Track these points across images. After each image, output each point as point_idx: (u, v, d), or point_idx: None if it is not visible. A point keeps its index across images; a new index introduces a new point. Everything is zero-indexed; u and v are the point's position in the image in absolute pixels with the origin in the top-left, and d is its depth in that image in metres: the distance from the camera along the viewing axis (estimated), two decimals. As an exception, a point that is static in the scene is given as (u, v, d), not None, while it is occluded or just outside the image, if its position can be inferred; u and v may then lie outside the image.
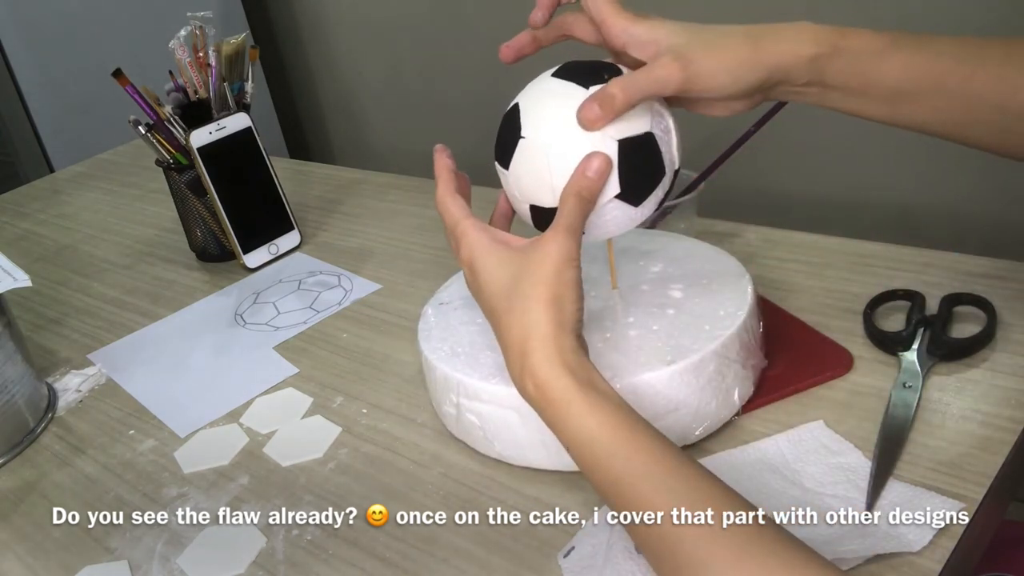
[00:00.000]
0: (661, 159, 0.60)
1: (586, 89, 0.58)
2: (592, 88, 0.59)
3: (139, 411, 0.79)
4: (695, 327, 0.62)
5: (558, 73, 0.61)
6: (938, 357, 0.64)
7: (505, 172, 0.62)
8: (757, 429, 0.61)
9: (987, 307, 0.66)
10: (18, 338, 0.78)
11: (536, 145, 0.59)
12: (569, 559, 0.54)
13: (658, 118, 0.59)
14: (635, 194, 0.59)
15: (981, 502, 0.52)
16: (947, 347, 0.64)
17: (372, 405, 0.73)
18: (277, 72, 2.24)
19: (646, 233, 0.75)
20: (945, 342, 0.65)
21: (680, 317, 0.63)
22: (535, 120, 0.59)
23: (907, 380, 0.62)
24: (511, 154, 0.60)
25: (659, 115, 0.60)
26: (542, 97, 0.61)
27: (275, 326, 0.89)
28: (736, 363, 0.61)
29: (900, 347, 0.65)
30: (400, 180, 1.17)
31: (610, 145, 0.57)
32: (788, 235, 0.84)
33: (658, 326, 0.63)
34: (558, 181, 0.58)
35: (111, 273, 1.08)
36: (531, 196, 0.60)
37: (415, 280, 0.92)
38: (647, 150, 0.59)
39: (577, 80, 0.59)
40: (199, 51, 1.00)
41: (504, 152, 0.61)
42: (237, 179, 1.00)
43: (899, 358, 0.64)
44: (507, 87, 0.66)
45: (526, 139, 0.59)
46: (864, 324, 0.68)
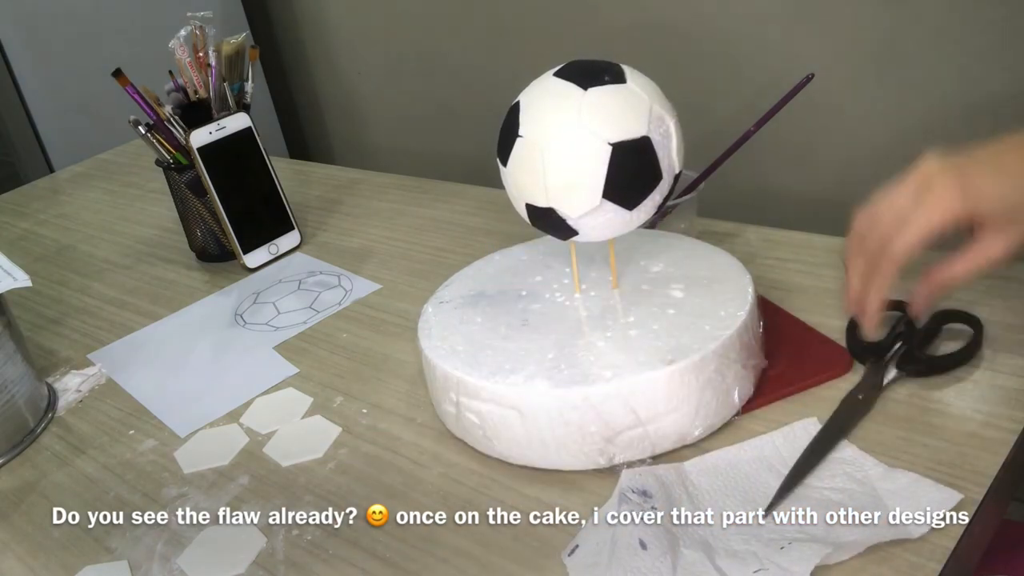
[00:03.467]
0: (658, 164, 0.59)
1: (584, 90, 0.58)
2: (591, 89, 0.58)
3: (139, 411, 0.79)
4: (695, 327, 0.62)
5: (560, 73, 0.61)
6: (907, 373, 0.63)
7: (504, 170, 0.62)
8: (757, 429, 0.61)
9: (976, 325, 0.65)
10: (18, 338, 0.78)
11: (532, 144, 0.59)
12: (574, 557, 0.54)
13: (657, 122, 0.59)
14: (626, 197, 0.59)
15: (981, 502, 0.52)
16: (921, 364, 0.63)
17: (372, 405, 0.73)
18: (277, 72, 2.24)
19: (647, 233, 0.75)
20: (919, 358, 0.64)
21: (680, 317, 0.63)
22: (533, 119, 0.60)
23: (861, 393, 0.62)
24: (509, 152, 0.60)
25: (659, 119, 0.59)
26: (542, 96, 0.61)
27: (275, 326, 0.89)
28: (736, 363, 0.61)
29: (872, 357, 0.64)
30: (400, 180, 1.18)
31: (604, 148, 0.57)
32: (788, 235, 0.84)
33: (658, 326, 0.63)
34: (551, 181, 0.58)
35: (111, 273, 1.08)
36: (526, 195, 0.60)
37: (415, 280, 0.92)
38: (642, 154, 0.59)
39: (576, 81, 0.59)
40: (199, 51, 1.00)
41: (503, 149, 0.61)
42: (237, 179, 1.00)
43: (866, 367, 0.64)
44: (507, 87, 0.67)
45: (523, 138, 0.59)
46: (847, 330, 0.68)
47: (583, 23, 1.57)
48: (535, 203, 0.60)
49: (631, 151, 0.58)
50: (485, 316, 0.68)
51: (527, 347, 0.63)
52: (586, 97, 0.58)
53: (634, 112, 0.59)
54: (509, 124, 0.61)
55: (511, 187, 0.62)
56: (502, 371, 0.61)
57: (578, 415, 0.58)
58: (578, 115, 0.58)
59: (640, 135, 0.58)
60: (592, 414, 0.58)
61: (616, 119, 0.58)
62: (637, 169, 0.59)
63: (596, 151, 0.57)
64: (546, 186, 0.58)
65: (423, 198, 1.10)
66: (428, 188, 1.13)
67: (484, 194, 1.07)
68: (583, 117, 0.58)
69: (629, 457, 0.60)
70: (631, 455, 0.60)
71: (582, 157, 0.58)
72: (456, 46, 1.83)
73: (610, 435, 0.59)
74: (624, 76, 0.60)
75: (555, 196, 0.60)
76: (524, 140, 0.59)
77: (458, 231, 1.00)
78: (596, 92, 0.59)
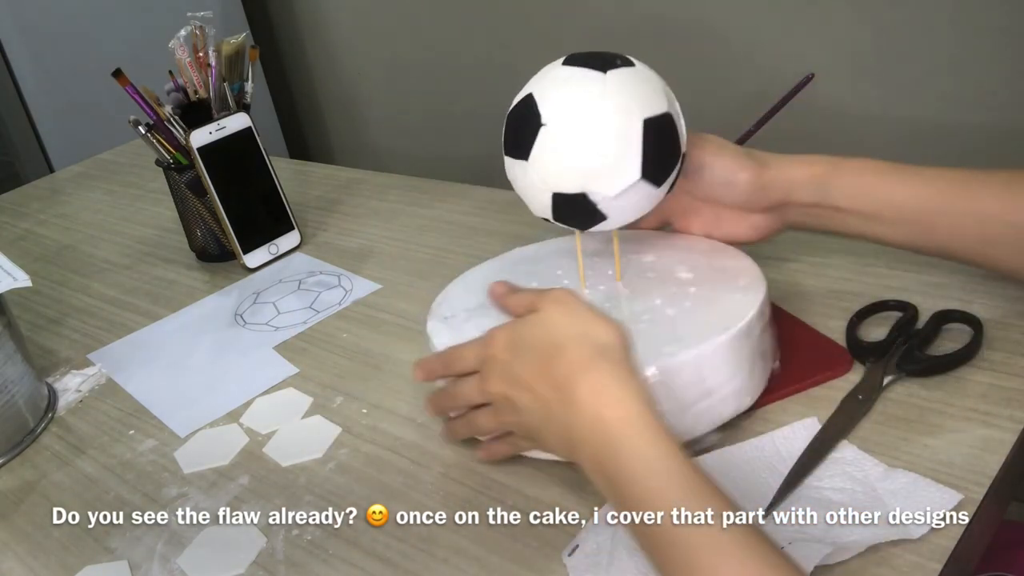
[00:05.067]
0: (679, 139, 0.60)
1: (603, 73, 0.59)
2: (610, 72, 0.59)
3: (139, 411, 0.79)
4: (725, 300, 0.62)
5: (569, 62, 0.61)
6: (908, 372, 0.63)
7: (524, 163, 0.61)
8: (757, 429, 0.61)
9: (976, 325, 0.64)
10: (18, 338, 0.78)
11: (561, 129, 0.59)
12: (574, 557, 0.54)
13: (671, 100, 0.61)
14: (656, 173, 0.60)
15: (981, 502, 0.52)
16: (921, 363, 0.63)
17: (372, 405, 0.73)
18: (277, 72, 2.24)
19: (642, 233, 0.75)
20: (919, 358, 0.63)
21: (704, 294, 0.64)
22: (557, 106, 0.59)
23: (861, 393, 0.62)
24: (530, 143, 0.60)
25: (672, 98, 0.61)
26: (559, 84, 0.61)
27: (275, 326, 0.89)
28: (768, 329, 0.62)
29: (872, 357, 0.64)
30: (400, 180, 1.17)
31: (636, 124, 0.58)
32: (788, 235, 0.84)
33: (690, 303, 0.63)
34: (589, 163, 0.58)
35: (111, 273, 1.08)
36: (555, 184, 0.60)
37: (415, 280, 0.92)
38: (668, 129, 0.60)
39: (592, 66, 0.60)
40: (199, 51, 1.00)
41: (521, 143, 0.60)
42: (237, 179, 1.00)
43: (866, 367, 0.64)
44: (507, 87, 0.66)
45: (548, 126, 0.59)
46: (847, 330, 0.68)
47: (583, 24, 1.57)
48: (565, 191, 0.60)
49: (659, 127, 0.59)
50: None
51: None
52: (608, 78, 0.59)
53: (653, 90, 0.60)
54: (525, 116, 0.60)
55: (535, 180, 0.61)
56: None
57: None
58: (606, 95, 0.59)
59: (663, 111, 0.59)
60: (663, 391, 0.57)
61: (641, 97, 0.59)
62: (666, 144, 0.60)
63: (631, 128, 0.58)
64: (583, 169, 0.58)
65: (423, 198, 1.10)
66: (428, 188, 1.13)
67: (484, 194, 1.07)
68: (612, 97, 0.59)
69: (697, 432, 0.59)
70: (700, 428, 0.60)
71: (619, 136, 0.58)
72: (456, 46, 1.83)
73: (680, 410, 0.58)
74: (632, 61, 0.62)
75: (592, 179, 0.59)
76: (550, 128, 0.59)
77: (458, 231, 1.00)
78: (616, 74, 0.59)
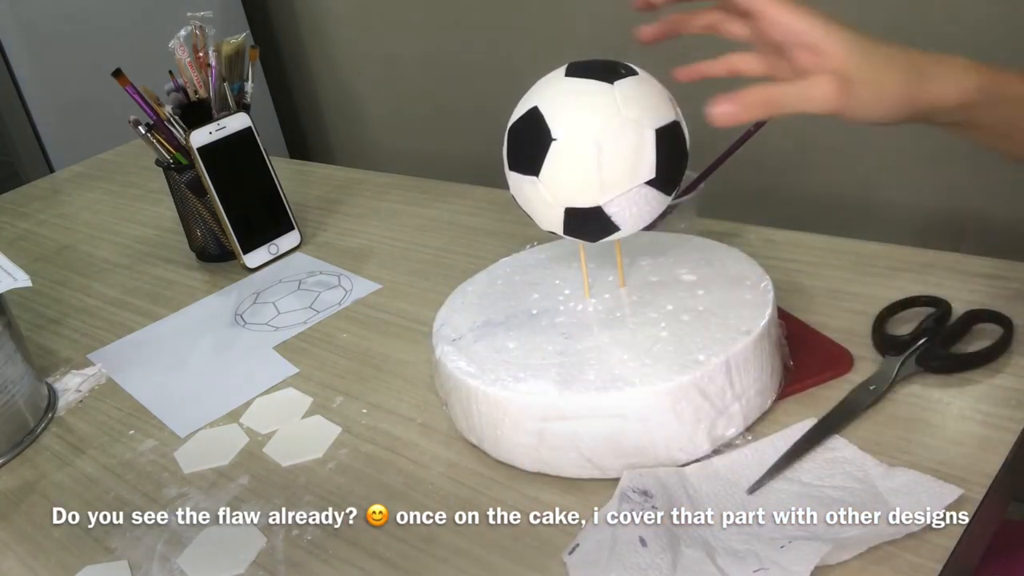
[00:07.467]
0: (686, 145, 0.60)
1: (611, 84, 0.58)
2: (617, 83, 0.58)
3: (139, 411, 0.79)
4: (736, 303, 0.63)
5: (572, 73, 0.60)
6: (926, 369, 0.62)
7: (534, 179, 0.59)
8: (756, 429, 0.61)
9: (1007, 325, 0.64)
10: (18, 338, 0.78)
11: (575, 143, 0.58)
12: (574, 556, 0.54)
13: (676, 108, 0.60)
14: (667, 182, 0.60)
15: (981, 502, 0.52)
16: (942, 360, 0.63)
17: (372, 405, 0.73)
18: (277, 72, 2.24)
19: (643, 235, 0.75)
20: (941, 355, 0.63)
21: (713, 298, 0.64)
22: (568, 119, 0.58)
23: (874, 383, 0.62)
24: (540, 159, 0.59)
25: (676, 106, 0.60)
26: (567, 96, 0.60)
27: (275, 326, 0.89)
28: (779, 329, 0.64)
29: (892, 351, 0.64)
30: (400, 180, 1.17)
31: (648, 135, 0.58)
32: (788, 235, 0.84)
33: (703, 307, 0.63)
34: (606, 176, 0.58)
35: (111, 273, 1.08)
36: (568, 199, 0.59)
37: (415, 280, 0.92)
38: (677, 137, 0.60)
39: (597, 76, 0.59)
40: (199, 51, 1.00)
41: (530, 159, 0.59)
42: (237, 179, 1.00)
43: (884, 360, 0.64)
44: (507, 87, 0.66)
45: (559, 140, 0.58)
46: (874, 323, 0.68)
47: (583, 24, 1.57)
48: (580, 205, 0.59)
49: (669, 136, 0.59)
50: (517, 341, 0.65)
51: (589, 357, 0.61)
52: (616, 89, 0.58)
53: (660, 99, 0.59)
54: (532, 131, 0.59)
55: (546, 196, 0.60)
56: (593, 385, 0.58)
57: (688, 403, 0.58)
58: (618, 107, 0.58)
59: (672, 119, 0.59)
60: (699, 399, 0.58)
61: (651, 107, 0.59)
62: (676, 152, 0.60)
63: (644, 140, 0.58)
64: (600, 183, 0.58)
65: (423, 198, 1.10)
66: (428, 188, 1.13)
67: (485, 194, 1.07)
68: (623, 108, 0.58)
69: (729, 436, 0.60)
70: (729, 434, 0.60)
71: (632, 149, 0.58)
72: (456, 46, 1.83)
73: (713, 417, 0.59)
74: (634, 69, 0.61)
75: (606, 193, 0.58)
76: (562, 143, 0.58)
77: (458, 231, 1.00)
78: (622, 84, 0.59)
